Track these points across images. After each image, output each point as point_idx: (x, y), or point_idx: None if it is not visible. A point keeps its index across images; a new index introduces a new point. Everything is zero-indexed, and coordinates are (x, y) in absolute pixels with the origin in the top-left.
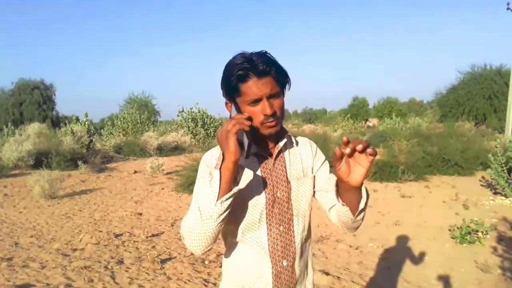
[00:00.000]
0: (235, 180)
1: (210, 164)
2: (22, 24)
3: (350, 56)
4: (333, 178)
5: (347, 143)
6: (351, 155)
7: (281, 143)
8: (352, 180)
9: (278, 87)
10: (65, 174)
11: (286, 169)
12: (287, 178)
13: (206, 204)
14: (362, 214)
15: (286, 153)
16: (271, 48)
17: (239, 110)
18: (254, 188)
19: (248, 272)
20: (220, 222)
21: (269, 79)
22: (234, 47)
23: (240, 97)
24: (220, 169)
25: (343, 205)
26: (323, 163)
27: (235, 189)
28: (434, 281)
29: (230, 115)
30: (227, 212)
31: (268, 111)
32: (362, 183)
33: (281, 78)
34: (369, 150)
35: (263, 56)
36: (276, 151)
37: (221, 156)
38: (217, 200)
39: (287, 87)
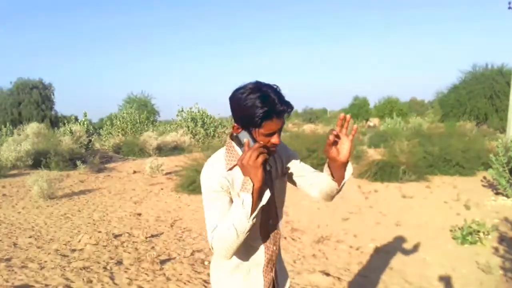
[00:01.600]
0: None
1: (221, 180)
2: (21, 24)
3: (350, 55)
4: (306, 166)
5: (344, 118)
6: (338, 136)
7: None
8: (342, 156)
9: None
10: (64, 174)
11: (273, 172)
12: (273, 179)
13: (241, 223)
14: (344, 184)
15: (272, 158)
16: (271, 47)
17: (253, 137)
18: None
19: (244, 255)
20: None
21: (283, 117)
22: (234, 46)
23: (259, 129)
24: (252, 193)
25: (333, 179)
26: (295, 157)
27: (260, 205)
28: (436, 281)
29: (236, 135)
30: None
31: (277, 142)
32: (349, 158)
33: (289, 113)
34: (354, 126)
35: (279, 95)
36: (270, 160)
37: (249, 182)
38: (249, 217)
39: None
